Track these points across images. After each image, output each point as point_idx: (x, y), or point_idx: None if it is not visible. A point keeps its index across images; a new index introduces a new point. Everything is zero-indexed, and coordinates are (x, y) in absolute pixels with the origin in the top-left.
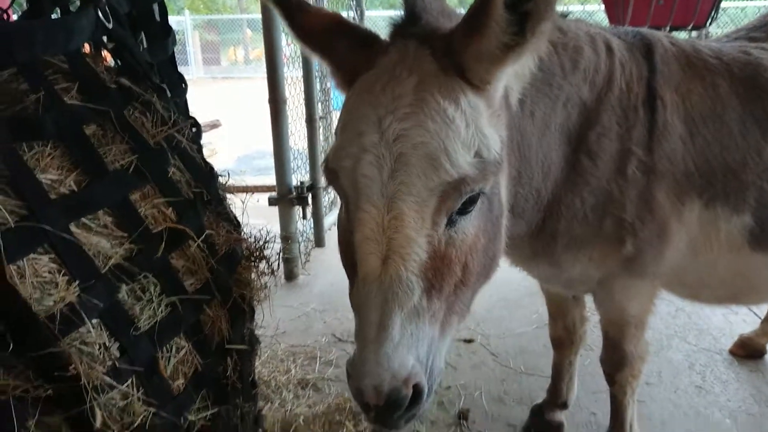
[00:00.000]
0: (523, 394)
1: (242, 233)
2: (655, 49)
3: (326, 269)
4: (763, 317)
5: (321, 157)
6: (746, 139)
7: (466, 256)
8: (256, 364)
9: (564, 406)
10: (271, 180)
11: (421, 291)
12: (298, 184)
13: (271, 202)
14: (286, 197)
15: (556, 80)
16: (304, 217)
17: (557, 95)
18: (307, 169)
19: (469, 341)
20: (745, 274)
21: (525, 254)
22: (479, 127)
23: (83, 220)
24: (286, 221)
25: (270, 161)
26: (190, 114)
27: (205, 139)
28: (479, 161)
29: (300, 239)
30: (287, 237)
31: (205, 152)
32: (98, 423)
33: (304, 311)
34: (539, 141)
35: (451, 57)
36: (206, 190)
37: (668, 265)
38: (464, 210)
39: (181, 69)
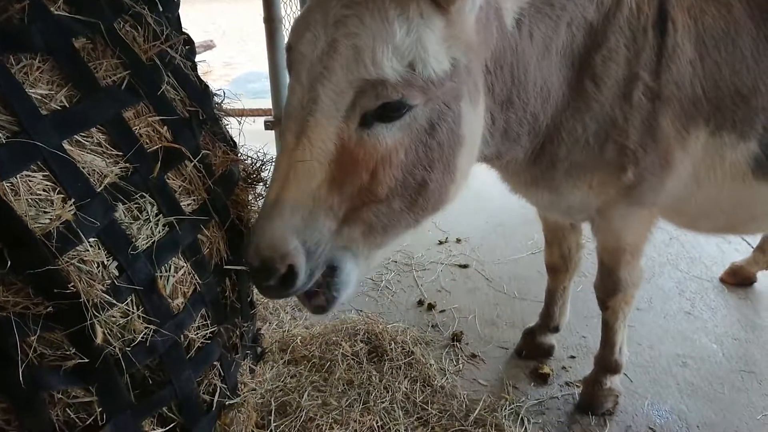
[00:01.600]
0: (516, 318)
1: (239, 155)
2: None
3: None
4: (755, 246)
5: None
6: (758, 63)
7: (377, 164)
8: None
9: (555, 330)
10: (266, 103)
11: (321, 179)
12: None
13: (267, 126)
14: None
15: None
16: None
17: (560, 16)
18: None
19: (464, 266)
20: (746, 203)
21: (524, 181)
22: (422, 39)
23: (76, 137)
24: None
25: (265, 84)
26: (183, 30)
27: (199, 59)
28: (409, 72)
29: None
30: None
31: (199, 71)
32: (99, 340)
33: None
34: (538, 64)
35: None
36: (201, 109)
37: (669, 194)
38: (384, 117)
39: None
